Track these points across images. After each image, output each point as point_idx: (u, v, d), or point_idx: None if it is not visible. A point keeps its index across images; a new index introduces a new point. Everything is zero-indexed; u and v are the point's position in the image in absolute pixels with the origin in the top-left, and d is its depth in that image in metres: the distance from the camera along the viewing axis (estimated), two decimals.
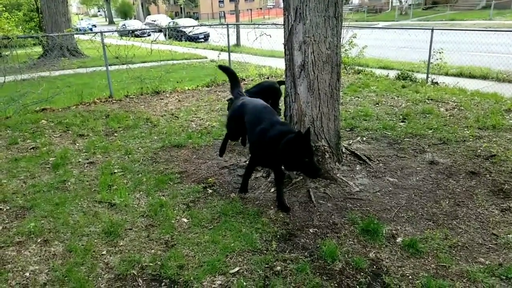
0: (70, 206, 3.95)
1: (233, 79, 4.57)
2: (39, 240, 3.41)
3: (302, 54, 4.01)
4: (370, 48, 11.45)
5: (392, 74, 10.07)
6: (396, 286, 2.75)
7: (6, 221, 3.75)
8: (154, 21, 33.46)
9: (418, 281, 2.78)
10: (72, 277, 2.90)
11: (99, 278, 2.91)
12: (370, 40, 11.59)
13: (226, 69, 4.89)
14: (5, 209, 3.96)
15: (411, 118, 6.33)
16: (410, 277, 2.84)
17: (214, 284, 2.80)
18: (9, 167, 4.99)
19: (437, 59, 9.33)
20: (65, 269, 2.99)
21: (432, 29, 9.18)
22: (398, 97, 7.83)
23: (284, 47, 4.28)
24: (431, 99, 7.52)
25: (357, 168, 4.53)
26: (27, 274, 2.98)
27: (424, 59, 9.58)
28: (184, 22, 29.54)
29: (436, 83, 9.04)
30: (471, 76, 10.17)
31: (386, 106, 7.17)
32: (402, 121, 6.27)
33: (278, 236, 3.36)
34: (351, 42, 10.78)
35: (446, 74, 9.97)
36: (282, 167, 3.78)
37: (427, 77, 9.34)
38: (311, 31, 3.95)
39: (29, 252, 3.26)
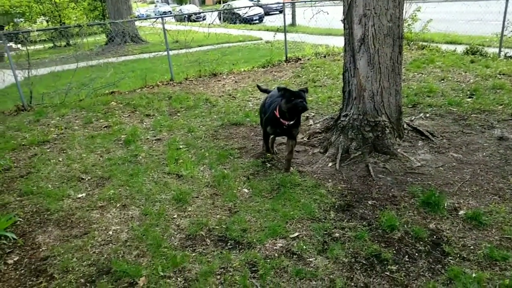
0: (143, 177, 4.32)
1: None
2: (118, 205, 3.81)
3: (362, 28, 3.96)
4: (436, 22, 10.79)
5: (460, 49, 9.46)
6: (457, 255, 2.75)
7: (89, 189, 4.21)
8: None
9: (480, 251, 2.77)
10: (149, 235, 3.24)
11: (172, 237, 3.22)
12: (436, 13, 10.92)
13: None
14: (87, 179, 4.44)
15: (479, 94, 5.98)
16: (471, 247, 2.82)
17: (276, 246, 2.98)
18: (87, 143, 5.51)
19: (511, 31, 8.60)
20: (142, 229, 3.34)
21: None
22: (465, 72, 7.39)
23: (343, 22, 4.25)
24: (503, 74, 7.02)
25: (419, 144, 4.43)
26: (110, 232, 3.37)
27: (497, 31, 8.88)
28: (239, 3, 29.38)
29: (510, 57, 8.36)
30: None
31: (452, 82, 6.82)
32: (470, 97, 5.96)
33: (336, 207, 3.45)
34: (415, 16, 10.24)
35: None
36: None
37: (500, 51, 8.67)
38: (371, 4, 3.89)
39: (111, 215, 3.66)
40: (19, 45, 12.19)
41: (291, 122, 3.88)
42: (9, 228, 3.49)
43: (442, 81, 6.96)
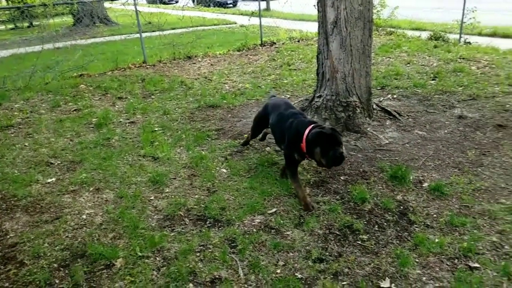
0: (117, 160, 4.23)
1: None
2: (91, 189, 3.70)
3: (335, 11, 4.06)
4: (402, 9, 11.22)
5: (425, 35, 9.95)
6: (421, 223, 2.98)
7: (59, 173, 4.03)
8: None
9: (442, 219, 3.01)
10: (125, 218, 3.17)
11: (150, 219, 3.19)
12: (403, 1, 11.33)
13: None
14: (56, 164, 4.25)
15: (442, 76, 6.37)
16: (434, 215, 3.06)
17: (254, 222, 3.08)
18: (55, 127, 5.27)
19: (470, 19, 9.22)
20: (118, 212, 3.27)
21: None
22: (429, 56, 7.79)
23: (317, 5, 4.34)
24: (463, 58, 7.49)
25: (387, 123, 4.66)
26: (84, 216, 3.27)
27: (458, 19, 9.42)
28: None
29: (469, 43, 8.91)
30: (506, 36, 9.99)
31: (417, 66, 7.18)
32: (433, 79, 6.32)
33: (311, 183, 3.60)
34: (383, 2, 10.57)
35: (479, 34, 9.84)
36: None
37: (460, 37, 9.24)
38: None
39: (83, 199, 3.55)
40: None
41: None
42: None
43: (408, 65, 7.30)
